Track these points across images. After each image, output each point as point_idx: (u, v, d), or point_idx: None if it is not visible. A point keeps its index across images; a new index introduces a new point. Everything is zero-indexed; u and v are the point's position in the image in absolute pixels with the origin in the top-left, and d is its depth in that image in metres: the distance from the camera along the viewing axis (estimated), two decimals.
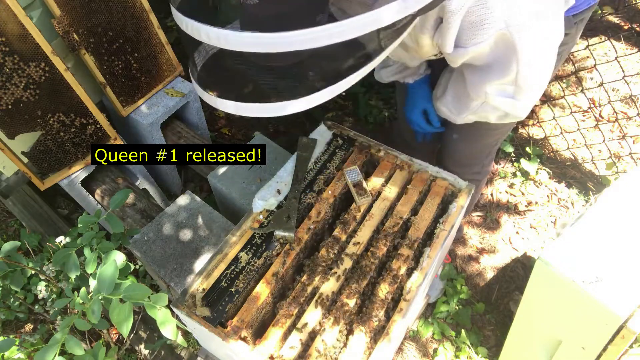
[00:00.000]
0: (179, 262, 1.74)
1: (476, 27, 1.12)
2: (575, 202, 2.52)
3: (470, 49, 1.18)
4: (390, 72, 1.66)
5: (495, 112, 1.40)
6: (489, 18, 1.09)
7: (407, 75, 1.65)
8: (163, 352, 2.05)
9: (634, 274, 1.32)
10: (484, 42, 1.15)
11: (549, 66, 1.24)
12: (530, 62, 1.18)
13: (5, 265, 1.40)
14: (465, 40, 1.17)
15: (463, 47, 1.18)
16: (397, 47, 1.41)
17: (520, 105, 1.31)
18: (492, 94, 1.30)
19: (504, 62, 1.20)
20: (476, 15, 1.10)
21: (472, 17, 1.10)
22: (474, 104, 1.42)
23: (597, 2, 1.46)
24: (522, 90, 1.25)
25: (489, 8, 1.08)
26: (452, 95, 1.52)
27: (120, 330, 1.11)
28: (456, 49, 1.20)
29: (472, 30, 1.13)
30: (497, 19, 1.10)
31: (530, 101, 1.31)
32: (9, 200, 2.16)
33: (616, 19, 3.25)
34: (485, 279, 2.32)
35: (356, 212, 1.46)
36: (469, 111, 1.46)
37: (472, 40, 1.15)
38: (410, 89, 1.70)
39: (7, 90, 1.75)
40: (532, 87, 1.25)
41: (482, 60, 1.24)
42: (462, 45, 1.19)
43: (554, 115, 2.67)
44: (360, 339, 1.24)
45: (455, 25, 1.12)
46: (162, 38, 2.24)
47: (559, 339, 1.55)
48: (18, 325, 2.23)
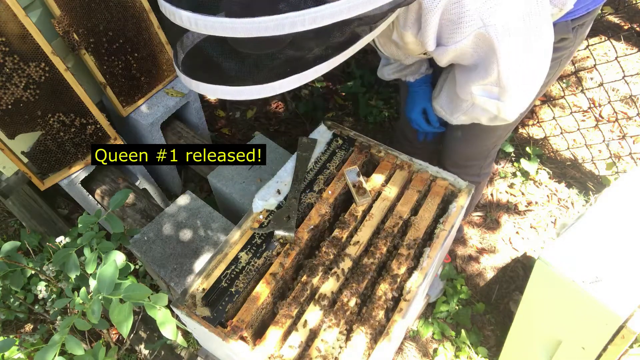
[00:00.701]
0: (179, 262, 1.74)
1: (453, 25, 1.12)
2: (575, 202, 2.52)
3: (450, 48, 1.18)
4: (392, 69, 1.67)
5: (485, 114, 1.39)
6: (465, 16, 1.09)
7: (408, 74, 1.66)
8: (163, 352, 2.05)
9: (634, 274, 1.32)
10: (462, 41, 1.14)
11: (535, 68, 1.23)
12: (511, 62, 1.17)
13: (5, 265, 1.40)
14: (445, 38, 1.17)
15: (444, 45, 1.19)
16: (391, 44, 1.42)
17: (506, 107, 1.30)
18: (477, 94, 1.30)
19: (486, 62, 1.19)
20: (453, 14, 1.10)
21: (449, 15, 1.10)
22: (464, 105, 1.43)
23: (598, 7, 1.44)
24: (506, 92, 1.24)
25: (464, 6, 1.08)
26: (446, 95, 1.53)
27: (120, 330, 1.11)
28: (438, 47, 1.20)
29: (450, 29, 1.13)
30: (473, 18, 1.09)
31: (516, 104, 1.30)
32: (9, 200, 2.16)
33: (616, 19, 3.25)
34: (485, 279, 2.32)
35: (356, 212, 1.46)
36: (461, 112, 1.46)
37: (452, 38, 1.15)
38: (410, 88, 1.70)
39: (7, 90, 1.75)
40: (516, 89, 1.24)
41: (467, 60, 1.24)
42: (443, 43, 1.19)
43: (554, 115, 2.67)
44: (360, 339, 1.24)
45: (433, 23, 1.12)
46: (162, 38, 2.24)
47: (559, 339, 1.55)
48: (18, 325, 2.23)
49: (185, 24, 0.90)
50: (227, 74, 1.04)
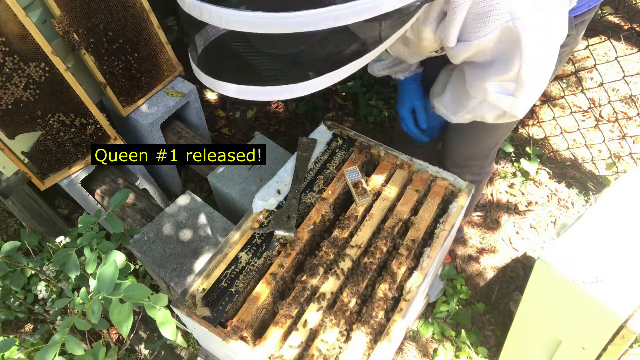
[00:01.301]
0: (179, 262, 1.74)
1: (481, 19, 1.10)
2: (575, 202, 2.52)
3: (474, 43, 1.15)
4: (383, 66, 1.65)
5: (493, 111, 1.38)
6: (494, 10, 1.07)
7: (399, 71, 1.65)
8: (163, 352, 2.05)
9: (634, 274, 1.32)
10: (488, 36, 1.13)
11: (550, 64, 1.23)
12: (534, 57, 1.15)
13: (5, 265, 1.39)
14: (469, 33, 1.14)
15: (466, 40, 1.16)
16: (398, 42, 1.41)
17: (519, 103, 1.29)
18: (491, 91, 1.28)
19: (507, 57, 1.18)
20: (481, 7, 1.08)
21: (478, 8, 1.08)
22: (472, 102, 1.41)
23: (598, 3, 1.44)
24: (522, 88, 1.23)
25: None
26: (451, 92, 1.50)
27: (120, 331, 1.11)
28: (459, 43, 1.18)
29: (476, 23, 1.11)
30: (503, 11, 1.08)
31: (529, 100, 1.29)
32: (9, 200, 2.16)
33: (616, 19, 3.25)
34: (485, 279, 2.32)
35: (356, 212, 1.46)
36: (466, 110, 1.44)
37: (476, 33, 1.13)
38: (400, 85, 1.70)
39: (7, 90, 1.75)
40: (532, 85, 1.24)
41: (484, 55, 1.22)
42: (465, 39, 1.16)
43: (554, 115, 2.67)
44: (360, 339, 1.24)
45: (460, 17, 1.10)
46: (162, 38, 2.24)
47: (559, 339, 1.55)
48: (18, 325, 2.23)
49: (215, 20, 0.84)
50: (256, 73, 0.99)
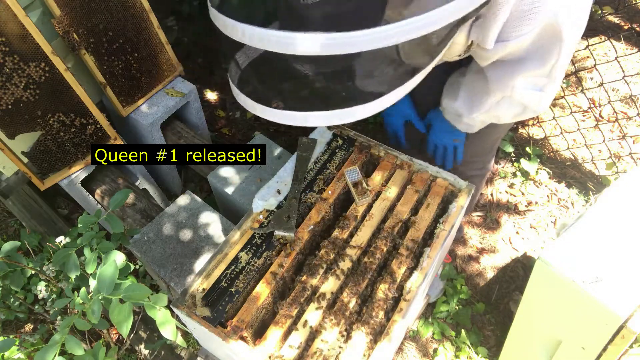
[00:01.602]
0: (179, 262, 1.74)
1: (524, 16, 1.08)
2: (575, 202, 2.52)
3: (512, 42, 1.13)
4: None
5: (513, 109, 1.36)
6: (539, 6, 1.06)
7: None
8: (163, 352, 2.05)
9: (634, 274, 1.32)
10: (528, 34, 1.11)
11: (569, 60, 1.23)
12: (570, 51, 1.15)
13: (5, 265, 1.40)
14: (508, 33, 1.12)
15: (505, 40, 1.13)
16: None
17: (546, 98, 1.28)
18: (520, 87, 1.26)
19: (545, 52, 1.16)
20: (525, 4, 1.06)
21: (522, 6, 1.06)
22: (489, 102, 1.37)
23: None
24: (553, 83, 1.23)
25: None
26: (465, 94, 1.47)
27: (120, 331, 1.11)
28: (496, 44, 1.15)
29: (518, 21, 1.09)
30: (547, 8, 1.06)
31: (553, 94, 1.29)
32: (9, 200, 2.16)
33: (616, 19, 3.25)
34: (485, 279, 2.32)
35: (356, 212, 1.46)
36: (482, 110, 1.42)
37: (517, 32, 1.11)
38: None
39: (7, 90, 1.75)
40: (560, 80, 1.24)
41: (517, 54, 1.20)
42: (504, 39, 1.13)
43: (554, 115, 2.67)
44: (360, 339, 1.24)
45: (504, 16, 1.07)
46: (162, 38, 2.24)
47: (559, 339, 1.55)
48: (18, 325, 2.23)
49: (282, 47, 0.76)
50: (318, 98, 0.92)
